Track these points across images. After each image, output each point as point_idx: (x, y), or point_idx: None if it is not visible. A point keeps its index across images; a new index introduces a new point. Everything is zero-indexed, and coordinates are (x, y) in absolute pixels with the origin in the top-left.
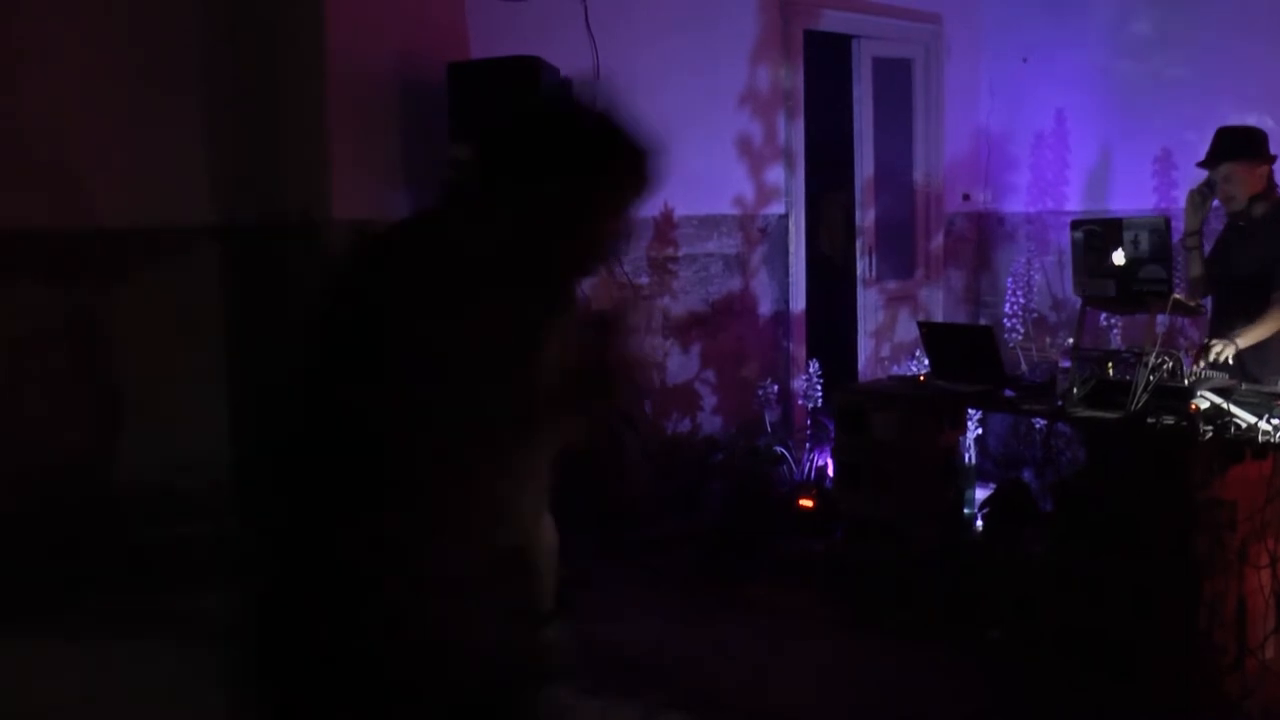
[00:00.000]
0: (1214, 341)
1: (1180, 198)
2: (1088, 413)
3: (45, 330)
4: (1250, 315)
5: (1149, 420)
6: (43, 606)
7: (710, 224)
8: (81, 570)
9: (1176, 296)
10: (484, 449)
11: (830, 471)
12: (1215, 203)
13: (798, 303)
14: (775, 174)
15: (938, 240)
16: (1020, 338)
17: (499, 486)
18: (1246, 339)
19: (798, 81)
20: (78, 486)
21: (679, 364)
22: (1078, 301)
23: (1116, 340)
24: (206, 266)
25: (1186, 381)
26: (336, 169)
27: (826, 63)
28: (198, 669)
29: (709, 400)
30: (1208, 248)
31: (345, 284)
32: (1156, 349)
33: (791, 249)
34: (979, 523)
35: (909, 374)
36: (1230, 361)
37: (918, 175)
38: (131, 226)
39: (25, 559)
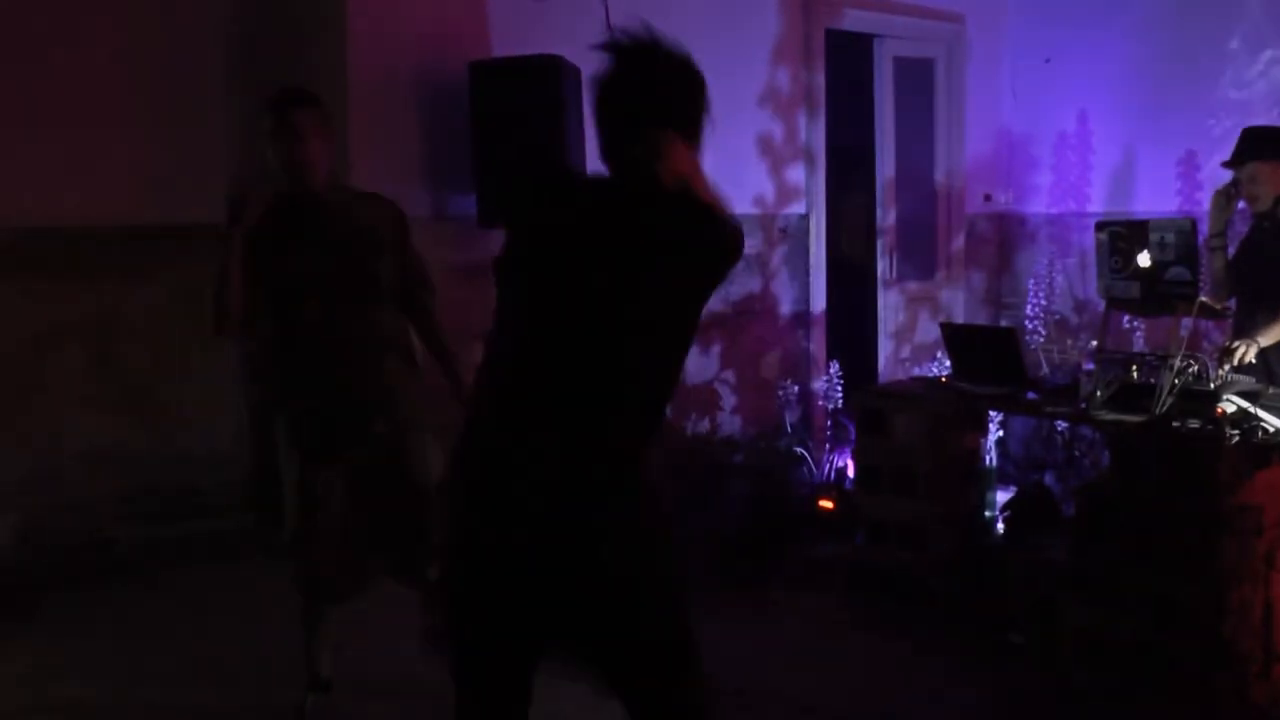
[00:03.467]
0: (1237, 343)
1: (1205, 200)
2: (1111, 416)
3: (67, 326)
4: (1275, 315)
5: (1174, 424)
6: (62, 599)
7: None
8: (102, 565)
9: (1203, 299)
10: None
11: (850, 473)
12: (1241, 204)
13: (818, 303)
14: (796, 174)
15: (959, 241)
16: (1042, 340)
17: None
18: (1268, 337)
19: (819, 81)
20: (97, 482)
21: (698, 364)
22: (1100, 303)
23: (1140, 343)
24: None
25: (1212, 385)
26: (356, 167)
27: (848, 62)
28: (211, 663)
29: (728, 400)
30: (1233, 249)
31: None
32: (1182, 352)
33: (812, 249)
34: (1000, 526)
35: (930, 375)
36: (1254, 362)
37: (939, 175)
38: (153, 224)
39: (44, 554)
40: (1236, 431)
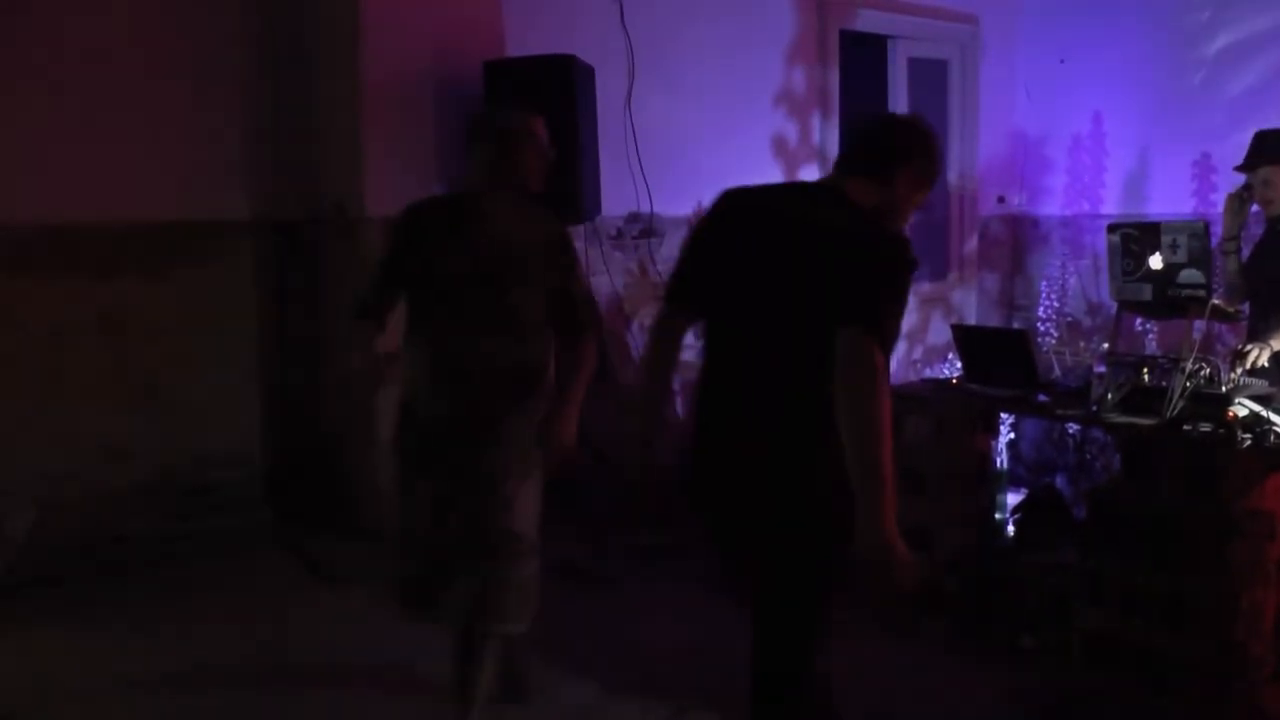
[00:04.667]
0: (1249, 346)
1: (1219, 202)
2: (1122, 419)
3: (83, 322)
4: None
5: (1185, 427)
6: (76, 594)
7: None
8: (116, 560)
9: (1215, 302)
10: None
11: None
12: (1255, 207)
13: None
14: (809, 175)
15: (972, 243)
16: (1054, 342)
17: None
18: None
19: (833, 81)
20: (111, 477)
21: None
22: (1113, 306)
23: (1152, 346)
24: (242, 261)
25: (1224, 388)
26: (371, 165)
27: (862, 63)
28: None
29: None
30: (1246, 252)
31: None
32: (1194, 355)
33: None
34: (1010, 528)
35: (942, 377)
36: (1266, 365)
37: (952, 177)
38: (169, 220)
39: (58, 548)
40: (1248, 435)
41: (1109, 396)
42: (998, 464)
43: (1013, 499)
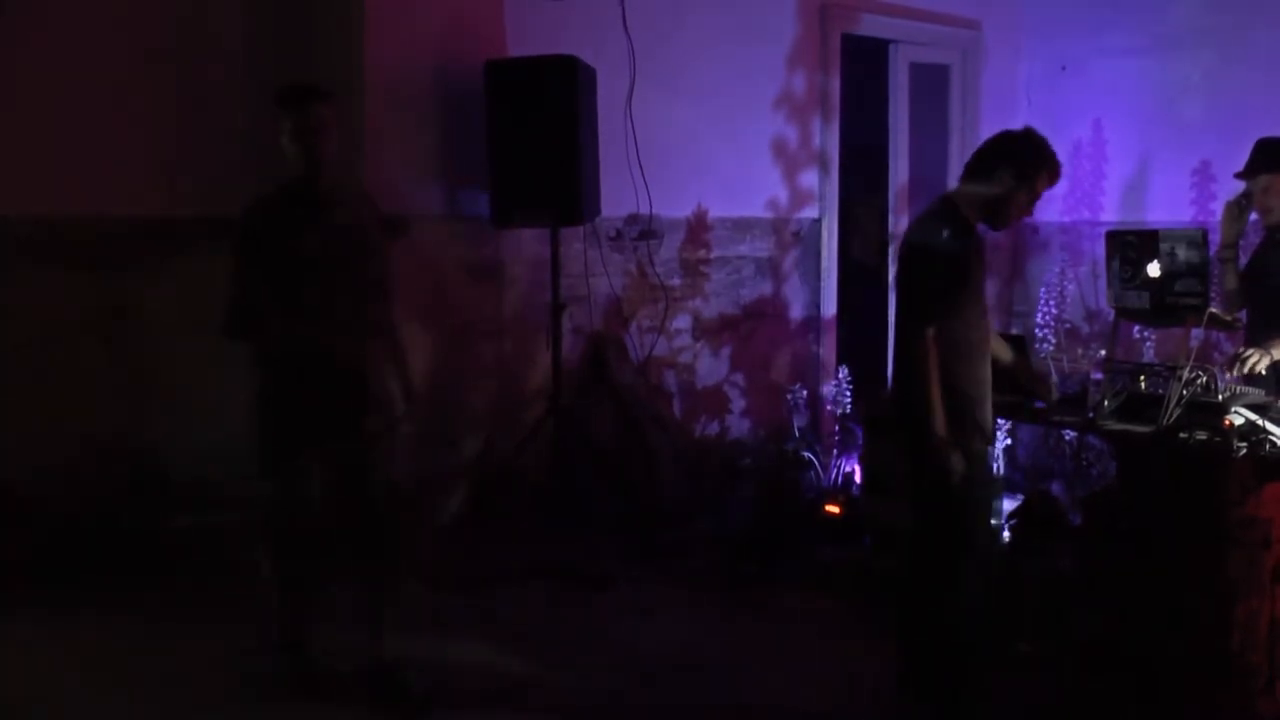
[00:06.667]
0: (1249, 351)
1: (1218, 210)
2: (1119, 426)
3: (79, 317)
4: None
5: (1181, 435)
6: (71, 590)
7: (743, 227)
8: (112, 555)
9: (1213, 310)
10: None
11: (857, 478)
12: (1253, 215)
13: (829, 308)
14: (809, 178)
15: None
16: (1052, 348)
17: None
18: None
19: (834, 85)
20: (107, 474)
21: (709, 366)
22: (1111, 313)
23: (1150, 353)
24: None
25: (1221, 397)
26: (372, 164)
27: (864, 67)
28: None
29: (738, 403)
30: (1244, 260)
31: None
32: (1190, 363)
33: (824, 254)
34: (1006, 534)
35: None
36: (1264, 372)
37: (953, 182)
38: (166, 216)
39: (54, 543)
40: (1244, 444)
41: (1106, 403)
42: (994, 470)
43: (1009, 505)
